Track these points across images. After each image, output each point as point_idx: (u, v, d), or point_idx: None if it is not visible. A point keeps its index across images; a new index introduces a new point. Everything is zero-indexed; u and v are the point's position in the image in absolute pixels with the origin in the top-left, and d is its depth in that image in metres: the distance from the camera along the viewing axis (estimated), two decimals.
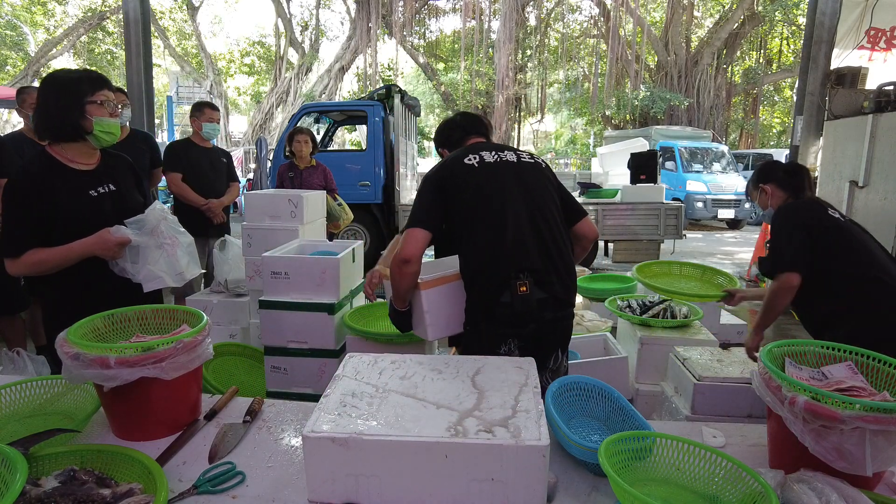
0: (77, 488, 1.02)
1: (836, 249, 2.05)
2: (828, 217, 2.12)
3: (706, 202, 12.25)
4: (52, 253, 1.68)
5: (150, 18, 6.18)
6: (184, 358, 1.26)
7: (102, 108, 1.74)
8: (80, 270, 1.74)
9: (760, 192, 2.38)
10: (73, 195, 1.74)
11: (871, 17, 5.90)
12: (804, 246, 2.04)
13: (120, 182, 1.89)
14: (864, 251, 2.05)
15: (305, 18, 24.53)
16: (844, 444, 1.02)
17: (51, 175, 1.73)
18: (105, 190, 1.83)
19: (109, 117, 1.76)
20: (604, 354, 2.78)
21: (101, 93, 1.75)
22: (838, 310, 2.02)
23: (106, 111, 1.76)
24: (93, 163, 1.85)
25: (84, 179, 1.80)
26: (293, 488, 1.12)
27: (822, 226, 2.08)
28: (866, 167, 4.66)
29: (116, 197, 1.85)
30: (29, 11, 21.51)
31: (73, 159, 1.80)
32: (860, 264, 2.02)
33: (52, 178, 1.73)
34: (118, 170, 1.93)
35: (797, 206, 2.19)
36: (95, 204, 1.78)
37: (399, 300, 1.83)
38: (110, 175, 1.88)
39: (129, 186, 1.93)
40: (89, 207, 1.77)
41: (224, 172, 4.11)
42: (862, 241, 2.09)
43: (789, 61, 21.37)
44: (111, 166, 1.91)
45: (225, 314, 3.27)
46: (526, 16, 21.42)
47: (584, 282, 4.83)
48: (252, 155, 14.97)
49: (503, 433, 1.00)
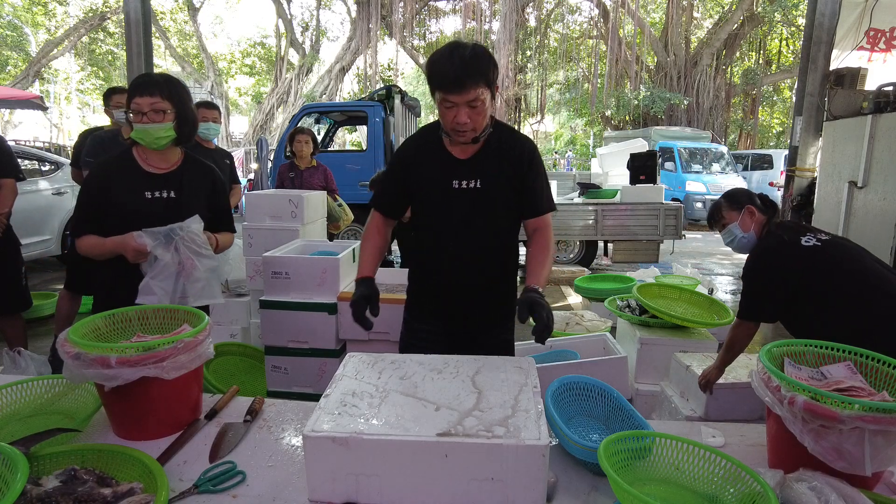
0: (78, 488, 1.02)
1: (832, 279, 1.91)
2: (804, 251, 1.96)
3: (705, 202, 12.24)
4: (95, 243, 1.81)
5: (150, 19, 6.17)
6: (184, 357, 1.27)
7: (135, 115, 1.78)
8: (121, 265, 1.81)
9: (746, 213, 2.18)
10: (129, 194, 1.83)
11: (871, 18, 5.90)
12: (775, 298, 1.97)
13: (185, 189, 1.89)
14: (857, 272, 1.91)
15: (306, 19, 24.59)
16: (843, 443, 1.02)
17: (120, 172, 1.85)
18: (162, 195, 1.85)
19: (141, 123, 1.78)
20: (603, 354, 2.78)
21: (135, 99, 1.77)
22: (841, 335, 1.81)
23: (139, 118, 1.78)
24: (167, 167, 1.90)
25: (147, 181, 1.86)
26: (293, 488, 1.13)
27: (803, 264, 1.94)
28: (865, 168, 4.66)
29: (173, 203, 1.86)
30: (30, 12, 21.51)
31: (148, 161, 1.88)
32: (854, 288, 1.88)
33: (120, 175, 1.85)
34: (192, 177, 1.93)
35: (774, 251, 2.03)
36: (147, 206, 1.83)
37: None
38: (178, 181, 1.89)
39: (195, 195, 1.92)
40: (140, 208, 1.82)
41: (227, 174, 4.11)
42: (852, 258, 1.96)
43: (789, 62, 21.38)
44: (186, 172, 1.92)
45: (225, 314, 3.27)
46: (526, 16, 21.43)
47: (583, 282, 4.84)
48: (253, 155, 14.97)
49: (503, 433, 1.00)
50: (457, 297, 1.75)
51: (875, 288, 1.86)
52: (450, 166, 1.66)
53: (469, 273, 1.72)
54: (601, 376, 1.55)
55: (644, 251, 6.97)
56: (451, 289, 1.75)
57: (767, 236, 2.13)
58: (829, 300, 1.90)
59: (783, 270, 1.97)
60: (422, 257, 1.83)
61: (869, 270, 1.92)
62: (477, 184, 1.65)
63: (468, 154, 1.66)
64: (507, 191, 1.67)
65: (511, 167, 1.66)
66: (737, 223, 2.20)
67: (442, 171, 1.67)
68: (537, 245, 1.69)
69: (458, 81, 1.46)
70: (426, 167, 1.69)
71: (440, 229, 1.71)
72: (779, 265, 1.99)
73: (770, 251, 2.05)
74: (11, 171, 3.17)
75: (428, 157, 1.69)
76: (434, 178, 1.68)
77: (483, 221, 1.68)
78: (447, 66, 1.46)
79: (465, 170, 1.66)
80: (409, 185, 1.72)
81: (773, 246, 2.05)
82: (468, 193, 1.66)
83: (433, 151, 1.69)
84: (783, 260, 1.99)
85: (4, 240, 3.10)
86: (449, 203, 1.67)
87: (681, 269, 5.61)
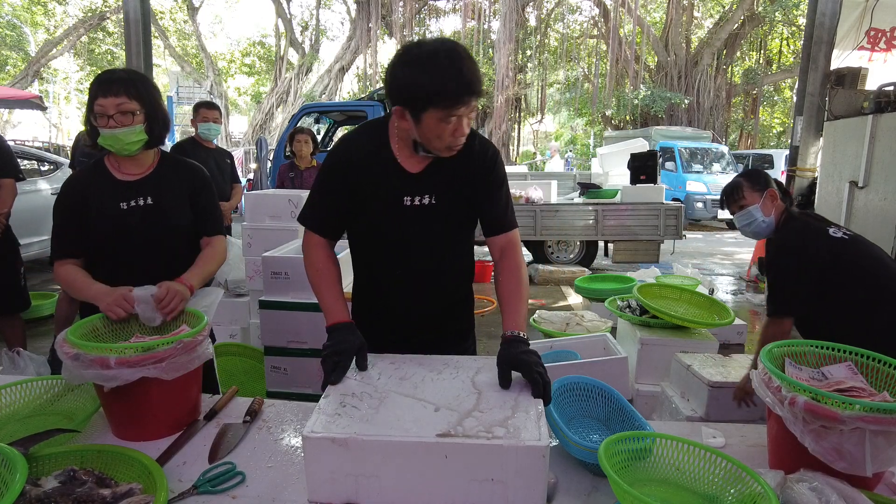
0: (77, 488, 1.02)
1: (851, 275, 1.85)
2: (833, 241, 1.88)
3: (706, 202, 12.25)
4: (74, 280, 1.60)
5: (150, 18, 6.17)
6: (184, 358, 1.27)
7: (100, 118, 1.57)
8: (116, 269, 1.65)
9: (768, 196, 2.03)
10: (104, 207, 1.65)
11: (871, 18, 5.90)
12: (808, 287, 1.84)
13: (163, 195, 1.71)
14: (881, 267, 1.87)
15: (306, 19, 24.61)
16: (844, 444, 1.02)
17: (93, 184, 1.68)
18: (139, 203, 1.67)
19: (111, 128, 1.57)
20: (604, 354, 2.77)
21: (97, 101, 1.58)
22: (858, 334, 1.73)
23: (104, 121, 1.57)
24: (140, 172, 1.71)
25: (121, 190, 1.67)
26: (293, 488, 1.12)
27: (831, 255, 1.85)
28: (866, 168, 4.66)
29: (151, 211, 1.68)
30: (29, 11, 21.53)
31: (121, 168, 1.70)
32: (878, 284, 1.83)
33: (94, 187, 1.67)
34: (171, 179, 1.74)
35: (804, 237, 1.90)
36: (122, 217, 1.65)
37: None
38: (154, 187, 1.70)
39: (176, 198, 1.73)
40: (115, 221, 1.65)
41: (228, 174, 4.12)
42: (873, 255, 1.91)
43: (789, 62, 21.38)
44: (163, 175, 1.73)
45: (225, 314, 3.27)
46: (526, 16, 21.43)
47: (584, 282, 4.84)
48: (252, 155, 14.98)
49: (503, 433, 1.00)
50: (406, 326, 1.54)
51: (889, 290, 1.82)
52: (400, 180, 1.41)
53: (421, 299, 1.51)
54: (601, 377, 1.55)
55: (644, 251, 6.96)
56: (400, 317, 1.53)
57: (793, 220, 2.00)
58: (844, 296, 1.84)
59: (815, 256, 1.85)
60: (362, 283, 1.59)
61: (889, 271, 1.86)
62: (431, 199, 1.42)
63: (421, 166, 1.42)
64: (464, 206, 1.46)
65: (469, 177, 1.44)
66: (758, 205, 2.02)
67: (392, 186, 1.42)
68: (508, 273, 1.45)
69: (470, 90, 1.25)
70: (374, 180, 1.42)
71: (388, 252, 1.48)
72: (812, 250, 1.86)
73: (800, 234, 1.92)
74: (11, 171, 3.17)
75: (375, 168, 1.42)
76: (383, 194, 1.42)
77: (437, 241, 1.47)
78: (454, 81, 1.23)
79: (418, 184, 1.42)
80: (353, 199, 1.44)
81: (802, 229, 1.93)
82: (420, 211, 1.42)
83: (380, 162, 1.42)
84: (815, 245, 1.87)
85: (3, 240, 3.10)
86: (399, 222, 1.43)
87: (681, 270, 5.61)
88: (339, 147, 1.49)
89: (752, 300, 6.01)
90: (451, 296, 1.57)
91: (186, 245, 1.77)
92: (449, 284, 1.55)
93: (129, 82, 1.59)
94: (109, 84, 1.58)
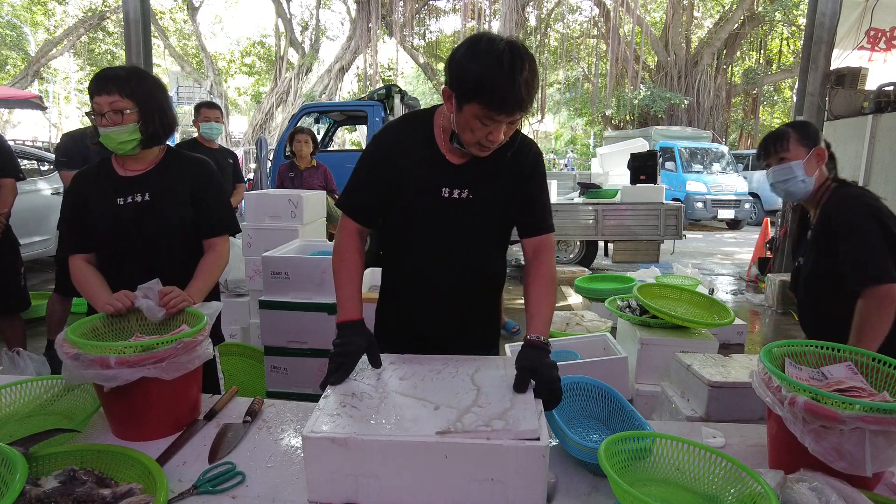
0: (77, 488, 1.02)
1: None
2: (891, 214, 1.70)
3: (706, 202, 12.27)
4: (83, 279, 1.64)
5: (150, 18, 6.17)
6: (183, 358, 1.27)
7: (97, 116, 1.59)
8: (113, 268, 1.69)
9: (815, 154, 1.79)
10: (103, 202, 1.66)
11: (871, 18, 5.90)
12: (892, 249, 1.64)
13: (161, 192, 1.70)
14: None
15: (305, 18, 24.56)
16: (844, 444, 1.02)
17: (96, 181, 1.71)
18: (134, 199, 1.67)
19: (104, 127, 1.58)
20: (604, 354, 2.77)
21: (94, 99, 1.59)
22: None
23: (100, 120, 1.58)
24: (140, 168, 1.71)
25: (119, 186, 1.68)
26: (293, 488, 1.12)
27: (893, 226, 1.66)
28: (866, 167, 4.67)
29: (146, 207, 1.67)
30: (29, 11, 21.52)
31: (125, 165, 1.71)
32: None
33: (96, 184, 1.70)
34: (171, 175, 1.73)
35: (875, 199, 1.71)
36: (119, 213, 1.66)
37: None
38: (153, 184, 1.70)
39: (174, 195, 1.72)
40: (112, 217, 1.66)
41: (230, 174, 4.12)
42: None
43: (789, 62, 21.38)
44: (163, 171, 1.73)
45: (225, 314, 3.26)
46: (526, 16, 21.43)
47: (584, 282, 4.84)
48: (252, 155, 14.97)
49: (501, 425, 1.00)
50: (434, 327, 1.51)
51: None
52: (442, 170, 1.40)
53: (450, 299, 1.48)
54: (601, 376, 1.55)
55: (644, 251, 6.97)
56: (428, 318, 1.50)
57: (848, 184, 1.80)
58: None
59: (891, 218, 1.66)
60: (390, 278, 1.57)
61: None
62: (469, 194, 1.40)
63: (464, 159, 1.40)
64: (501, 204, 1.44)
65: (510, 174, 1.42)
66: (801, 161, 1.79)
67: (433, 175, 1.40)
68: (540, 276, 1.41)
69: (518, 105, 1.22)
70: (414, 168, 1.40)
71: (420, 245, 1.45)
72: (887, 212, 1.67)
73: (868, 196, 1.73)
74: (11, 170, 3.17)
75: (416, 156, 1.40)
76: (422, 183, 1.40)
77: (469, 238, 1.44)
78: (507, 87, 1.19)
79: (458, 177, 1.40)
80: (394, 186, 1.41)
81: (865, 192, 1.75)
82: (456, 204, 1.40)
83: (422, 149, 1.41)
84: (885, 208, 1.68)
85: (3, 240, 3.10)
86: (436, 214, 1.41)
87: (681, 270, 5.62)
88: (384, 132, 1.49)
89: (752, 300, 6.01)
90: (478, 298, 1.53)
91: (184, 244, 1.76)
92: (476, 287, 1.50)
93: (123, 80, 1.58)
94: (104, 82, 1.57)
